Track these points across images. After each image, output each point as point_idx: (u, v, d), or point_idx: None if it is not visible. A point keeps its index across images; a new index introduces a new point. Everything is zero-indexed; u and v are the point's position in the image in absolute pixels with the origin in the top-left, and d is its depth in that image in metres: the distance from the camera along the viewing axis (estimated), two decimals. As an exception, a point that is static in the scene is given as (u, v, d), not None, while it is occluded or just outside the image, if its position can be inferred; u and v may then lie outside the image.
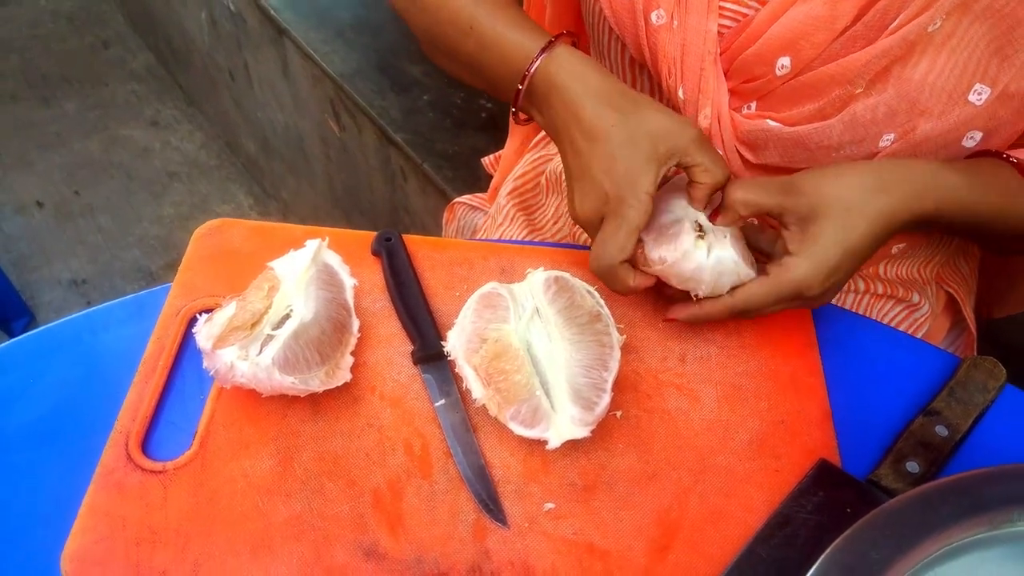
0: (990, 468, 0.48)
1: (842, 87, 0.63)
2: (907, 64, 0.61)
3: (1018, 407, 0.65)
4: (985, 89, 0.60)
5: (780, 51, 0.64)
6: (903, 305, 0.81)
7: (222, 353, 0.56)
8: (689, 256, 0.61)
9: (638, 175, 0.59)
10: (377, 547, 0.55)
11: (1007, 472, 0.48)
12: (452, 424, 0.60)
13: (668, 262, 0.61)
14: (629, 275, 0.61)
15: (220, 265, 0.68)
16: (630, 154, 0.60)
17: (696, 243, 0.61)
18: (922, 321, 0.82)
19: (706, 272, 0.61)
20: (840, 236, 0.59)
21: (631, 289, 0.62)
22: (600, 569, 0.55)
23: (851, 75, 0.62)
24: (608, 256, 0.60)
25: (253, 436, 0.59)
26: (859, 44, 0.62)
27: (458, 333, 0.60)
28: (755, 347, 0.66)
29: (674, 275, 0.62)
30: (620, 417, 0.62)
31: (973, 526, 0.46)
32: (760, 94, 0.68)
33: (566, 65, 0.63)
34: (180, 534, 0.55)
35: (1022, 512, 0.46)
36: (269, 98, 1.74)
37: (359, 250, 0.69)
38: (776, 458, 0.60)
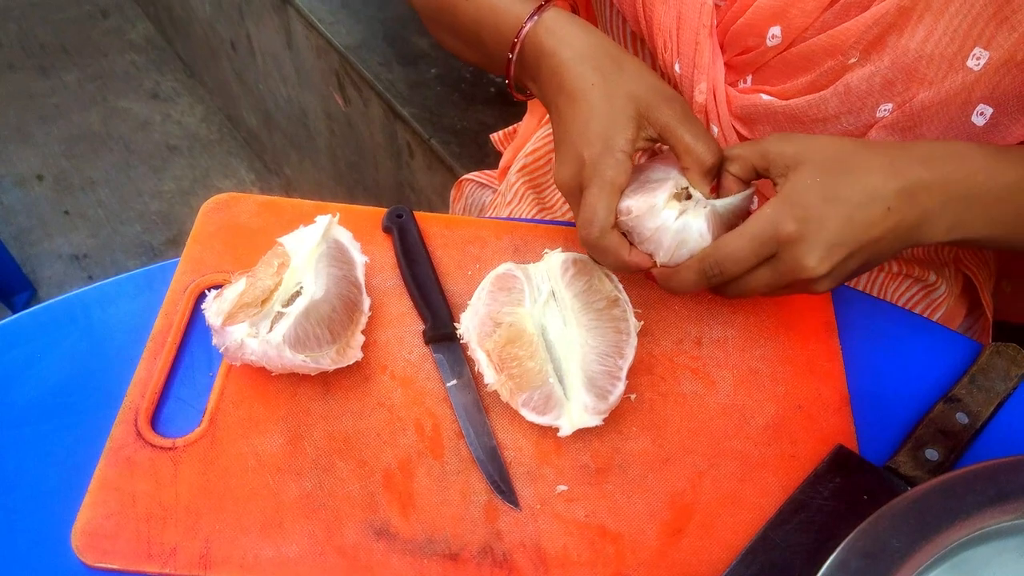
0: (1016, 456, 0.47)
1: (835, 58, 0.62)
2: (903, 32, 0.59)
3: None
4: (983, 53, 0.58)
5: (770, 20, 0.62)
6: (920, 285, 0.80)
7: (232, 330, 0.55)
8: (655, 213, 0.57)
9: (613, 134, 0.57)
10: (388, 527, 0.54)
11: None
12: (464, 405, 0.59)
13: (633, 214, 0.57)
14: (622, 246, 0.58)
15: (229, 240, 0.67)
16: (607, 114, 0.57)
17: (668, 202, 0.57)
18: (939, 302, 0.81)
19: (667, 235, 0.57)
20: (820, 179, 0.54)
21: (626, 263, 0.58)
22: (612, 552, 0.54)
23: (844, 46, 0.61)
24: (594, 220, 0.57)
25: (263, 414, 0.58)
26: (852, 13, 0.60)
27: (471, 316, 0.59)
28: (773, 330, 0.65)
29: (636, 232, 0.58)
30: (634, 400, 0.61)
31: (996, 515, 0.45)
32: (754, 67, 0.66)
33: (554, 28, 0.61)
34: (190, 511, 0.54)
35: (1048, 501, 0.46)
36: (272, 70, 1.71)
37: (370, 227, 0.68)
38: (793, 443, 0.60)
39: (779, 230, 0.54)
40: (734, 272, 0.56)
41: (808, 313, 0.66)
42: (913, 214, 0.55)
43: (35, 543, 0.54)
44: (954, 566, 0.45)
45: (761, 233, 0.55)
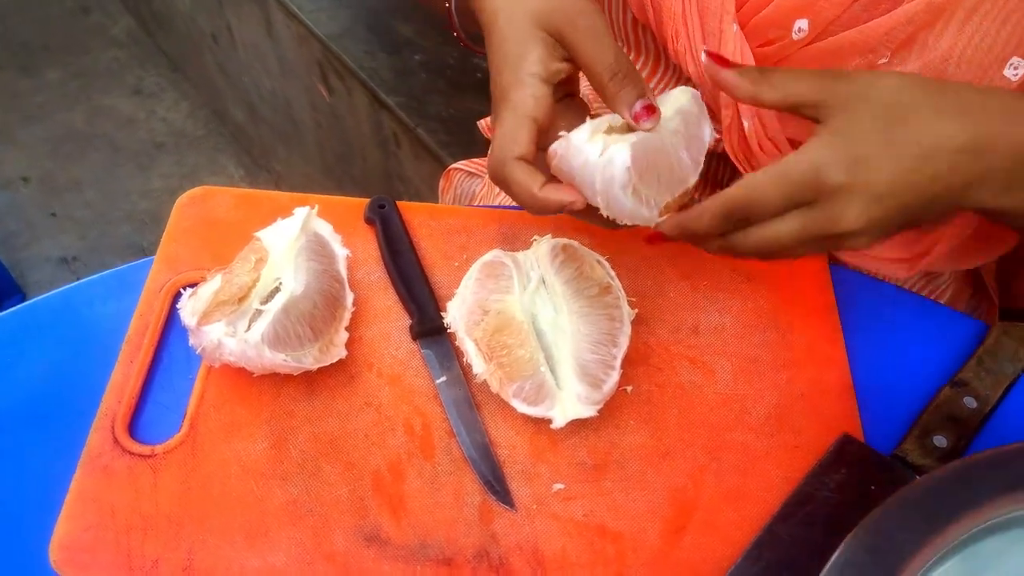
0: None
1: (864, 56, 0.58)
2: (932, 30, 0.55)
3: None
4: (1022, 63, 0.55)
5: (797, 12, 0.58)
6: (923, 274, 0.78)
7: (208, 330, 0.53)
8: (578, 149, 0.50)
9: (520, 57, 0.52)
10: (379, 532, 0.52)
11: (1048, 446, 0.46)
12: (454, 402, 0.57)
13: (558, 155, 0.51)
14: (531, 179, 0.50)
15: (204, 236, 0.64)
16: (512, 38, 0.53)
17: (593, 136, 0.50)
18: (943, 288, 0.79)
19: (595, 173, 0.49)
20: (881, 123, 0.47)
21: (541, 202, 0.51)
22: (613, 552, 0.52)
23: (873, 43, 0.57)
24: (498, 150, 0.51)
25: (245, 417, 0.56)
26: (882, 8, 0.57)
27: (459, 304, 0.57)
28: (772, 316, 0.63)
29: (569, 176, 0.51)
30: (630, 392, 0.59)
31: (1009, 503, 0.43)
32: (776, 59, 0.63)
33: None
34: (172, 521, 0.52)
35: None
36: (254, 62, 1.68)
37: (351, 218, 0.66)
38: (796, 433, 0.58)
39: (823, 178, 0.47)
40: (761, 217, 0.49)
41: (808, 297, 0.64)
42: (975, 171, 0.49)
43: (12, 558, 0.51)
44: (965, 558, 0.43)
45: (801, 177, 0.48)
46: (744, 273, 0.65)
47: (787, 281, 0.65)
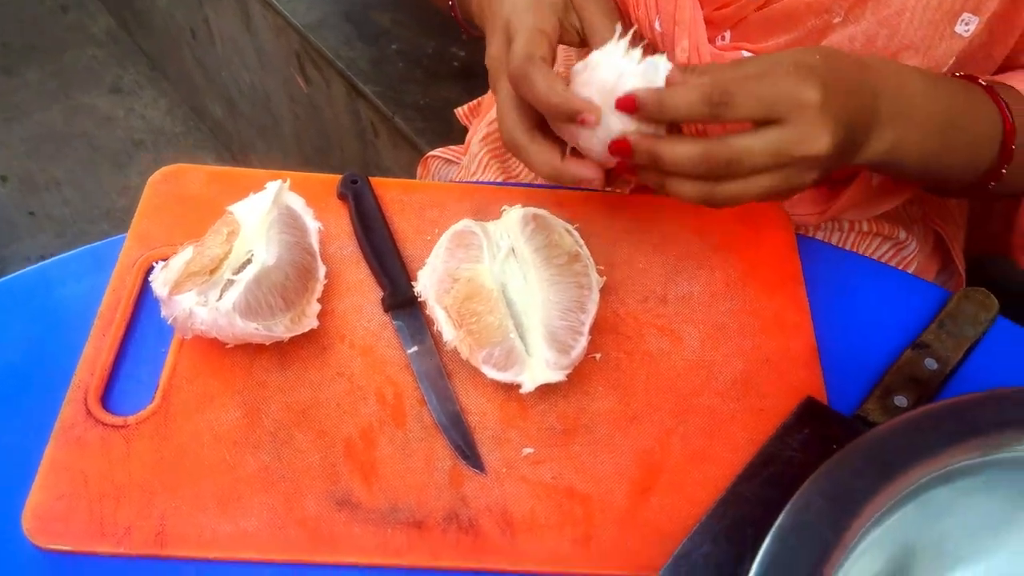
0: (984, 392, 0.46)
1: (819, 16, 0.60)
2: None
3: (1010, 339, 0.63)
4: (972, 19, 0.57)
5: None
6: (890, 243, 0.79)
7: (180, 299, 0.54)
8: (611, 64, 0.51)
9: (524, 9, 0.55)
10: (350, 497, 0.53)
11: (1002, 395, 0.47)
12: (425, 371, 0.58)
13: (586, 69, 0.52)
14: (551, 78, 0.51)
15: (177, 212, 0.65)
16: None
17: (628, 51, 0.52)
18: (910, 259, 0.80)
19: (636, 79, 0.51)
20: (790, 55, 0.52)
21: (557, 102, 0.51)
22: (581, 513, 0.53)
23: (827, 2, 0.59)
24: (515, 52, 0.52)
25: (218, 388, 0.57)
26: None
27: (429, 273, 0.58)
28: (740, 285, 0.64)
29: (591, 88, 0.52)
30: (599, 360, 0.60)
31: (963, 451, 0.45)
32: (733, 22, 0.65)
33: None
34: (144, 489, 0.52)
35: (1016, 435, 0.45)
36: (232, 55, 1.68)
37: (324, 194, 0.66)
38: (761, 397, 0.59)
39: (800, 95, 0.50)
40: (740, 109, 0.50)
41: (774, 266, 0.65)
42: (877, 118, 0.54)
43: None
44: (919, 505, 0.45)
45: (781, 85, 0.50)
46: (712, 244, 0.66)
47: (754, 251, 0.66)
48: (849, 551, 0.42)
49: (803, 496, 0.43)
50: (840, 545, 0.42)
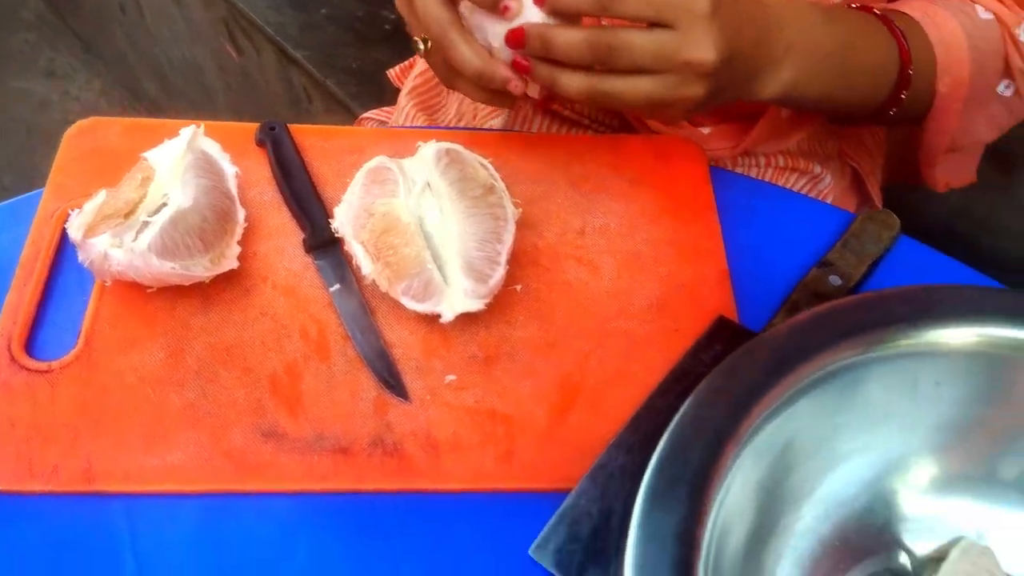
0: (865, 294, 0.49)
1: None
2: None
3: (911, 257, 0.66)
4: None
5: None
6: (806, 178, 0.82)
7: (94, 242, 0.54)
8: None
9: None
10: (276, 428, 0.54)
11: (886, 295, 0.50)
12: (348, 308, 0.59)
13: None
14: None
15: (94, 164, 0.65)
16: None
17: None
18: (825, 192, 0.83)
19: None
20: None
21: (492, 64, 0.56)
22: (503, 433, 0.55)
23: None
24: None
25: (141, 331, 0.57)
26: None
27: (345, 209, 0.59)
28: (655, 216, 0.66)
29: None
30: (520, 291, 0.61)
31: (848, 348, 0.47)
32: None
33: None
34: (70, 429, 0.53)
35: (896, 332, 0.48)
36: (163, 29, 1.66)
37: (243, 142, 0.67)
38: (675, 319, 0.61)
39: (691, 3, 0.52)
40: (629, 5, 0.52)
41: (688, 197, 0.67)
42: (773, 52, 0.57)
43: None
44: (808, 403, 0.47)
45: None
46: (629, 178, 0.68)
47: (669, 184, 0.68)
48: (742, 445, 0.44)
49: (700, 393, 0.45)
50: (734, 437, 0.44)
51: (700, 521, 0.42)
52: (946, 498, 0.51)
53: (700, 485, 0.43)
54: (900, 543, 0.52)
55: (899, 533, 0.52)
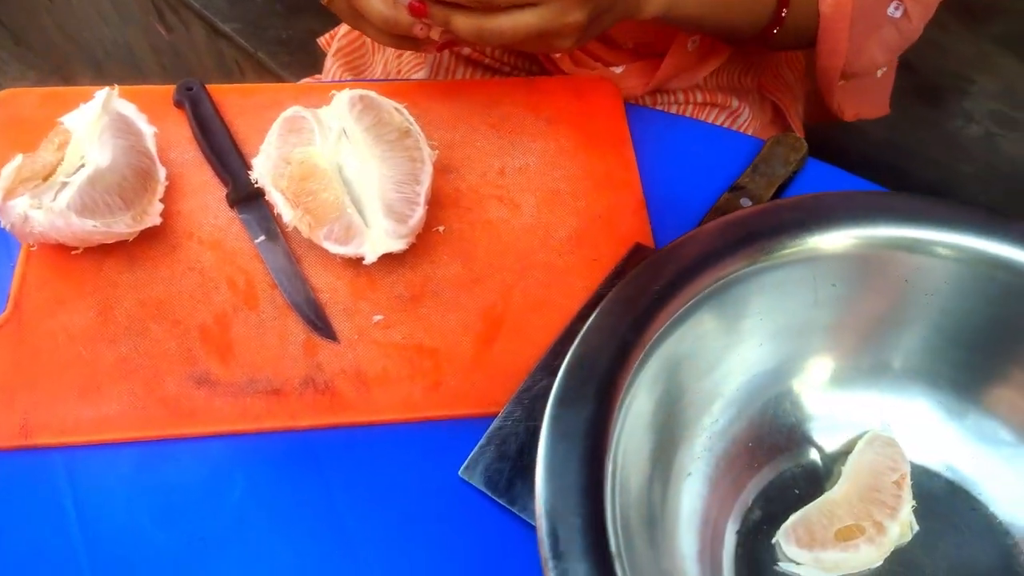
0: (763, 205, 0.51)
1: None
2: None
3: (819, 178, 0.69)
4: None
5: None
6: (725, 112, 0.85)
7: (14, 204, 0.55)
8: None
9: None
10: (208, 375, 0.55)
11: (779, 205, 0.52)
12: (274, 258, 0.60)
13: None
14: None
15: (12, 134, 0.65)
16: None
17: None
18: (744, 126, 0.85)
19: None
20: None
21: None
22: (430, 365, 0.57)
23: None
24: None
25: (69, 292, 0.58)
26: None
27: (263, 160, 0.60)
28: (572, 153, 0.68)
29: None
30: (443, 232, 0.63)
31: (746, 256, 0.50)
32: None
33: None
34: (4, 389, 0.54)
35: (790, 238, 0.50)
36: (91, 13, 1.63)
37: (161, 104, 0.67)
38: (594, 248, 0.63)
39: None
40: None
41: (604, 133, 0.70)
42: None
43: None
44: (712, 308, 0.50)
45: None
46: (546, 118, 0.70)
47: (585, 121, 0.70)
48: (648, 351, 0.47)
49: (607, 304, 0.47)
50: (639, 343, 0.46)
51: (608, 419, 0.44)
52: (847, 393, 0.55)
53: (607, 387, 0.45)
54: (810, 440, 0.55)
55: (809, 432, 0.55)
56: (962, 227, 0.50)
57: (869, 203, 0.52)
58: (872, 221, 0.51)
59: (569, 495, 0.42)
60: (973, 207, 0.51)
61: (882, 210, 0.51)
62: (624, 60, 0.77)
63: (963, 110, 1.14)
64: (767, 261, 0.50)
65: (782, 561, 0.51)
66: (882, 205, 0.52)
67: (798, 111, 0.94)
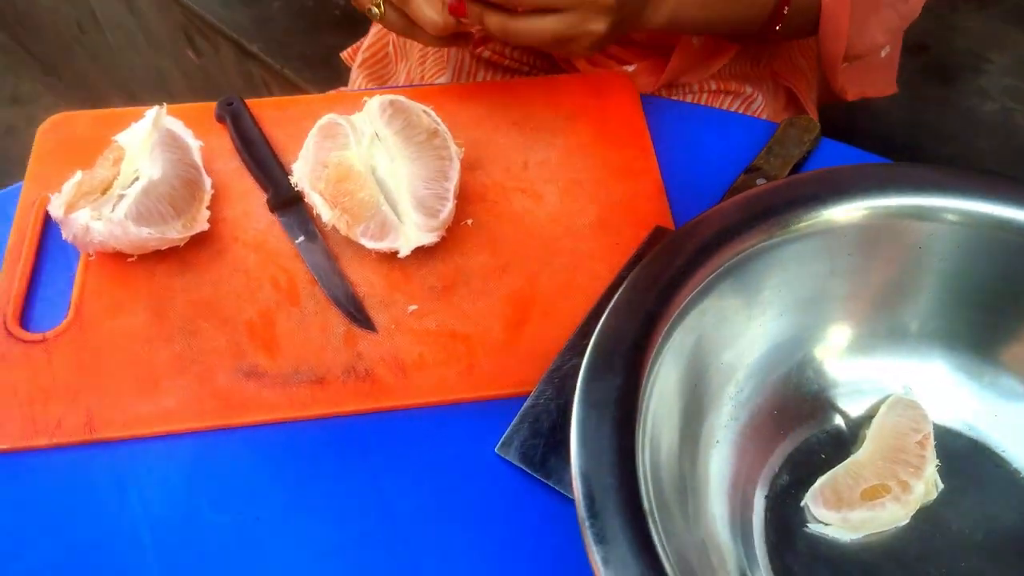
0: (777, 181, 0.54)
1: None
2: None
3: (832, 156, 0.71)
4: None
5: None
6: (740, 99, 0.87)
7: (75, 217, 0.59)
8: None
9: None
10: (256, 368, 0.59)
11: (791, 181, 0.55)
12: (314, 256, 0.64)
13: None
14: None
15: (69, 154, 0.69)
16: None
17: None
18: (758, 111, 0.88)
19: None
20: None
21: None
22: (464, 350, 0.60)
23: None
24: None
25: (125, 297, 0.62)
26: None
27: (302, 165, 0.64)
28: (591, 145, 0.71)
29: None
30: (471, 225, 0.66)
31: (763, 230, 0.52)
32: None
33: None
34: (69, 388, 0.58)
35: (805, 211, 0.53)
36: (122, 42, 1.70)
37: (204, 120, 0.71)
38: (616, 233, 0.66)
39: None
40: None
41: (622, 124, 0.72)
42: None
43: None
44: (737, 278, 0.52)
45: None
46: (565, 115, 0.73)
47: (603, 115, 0.73)
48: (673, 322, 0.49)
49: (632, 280, 0.50)
50: (664, 315, 0.49)
51: (636, 389, 0.47)
52: (867, 359, 0.57)
53: (634, 359, 0.48)
54: (834, 406, 0.57)
55: (832, 398, 0.57)
56: (968, 193, 0.52)
57: (879, 175, 0.54)
58: (883, 192, 0.53)
59: (602, 458, 0.45)
60: (979, 173, 0.53)
61: (892, 180, 0.53)
62: (635, 58, 0.80)
63: (978, 87, 1.15)
64: (783, 235, 0.52)
65: (811, 523, 0.53)
66: (892, 176, 0.54)
67: (812, 96, 0.96)
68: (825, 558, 0.52)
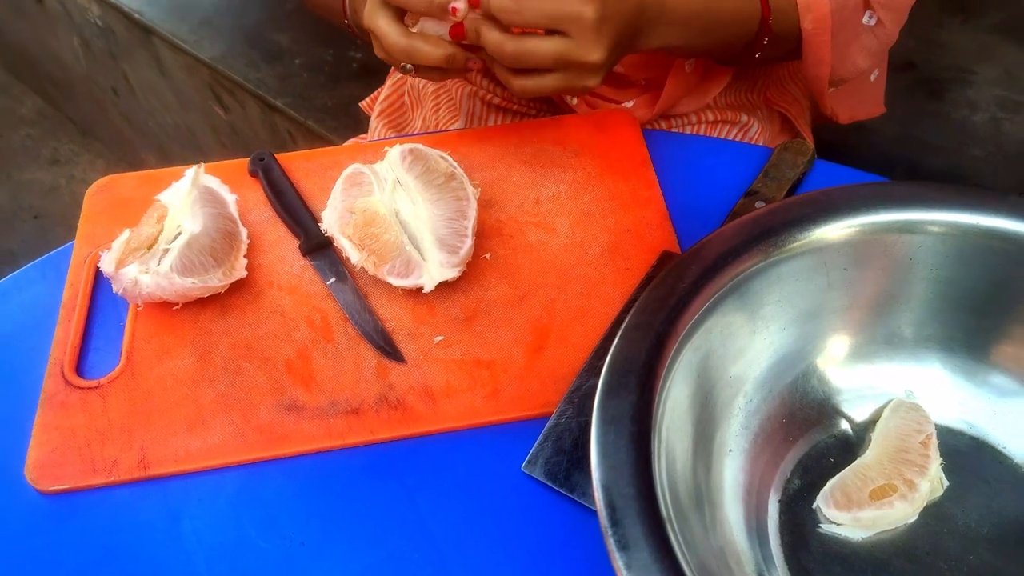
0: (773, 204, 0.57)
1: None
2: None
3: (827, 177, 0.75)
4: None
5: None
6: (737, 128, 0.91)
7: (125, 272, 0.64)
8: None
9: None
10: (295, 402, 0.63)
11: (785, 204, 0.58)
12: (345, 296, 0.69)
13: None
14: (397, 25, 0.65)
15: (116, 213, 0.75)
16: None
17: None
18: (755, 138, 0.92)
19: None
20: None
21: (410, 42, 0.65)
22: (488, 376, 0.64)
23: None
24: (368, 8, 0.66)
25: (172, 342, 0.67)
26: None
27: (331, 212, 0.69)
28: (598, 178, 0.76)
29: None
30: (489, 258, 0.71)
31: (761, 251, 0.56)
32: None
33: None
34: (124, 430, 0.62)
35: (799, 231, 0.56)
36: (154, 103, 1.78)
37: (238, 175, 0.77)
38: (626, 259, 0.70)
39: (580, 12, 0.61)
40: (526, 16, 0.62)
41: (626, 158, 0.77)
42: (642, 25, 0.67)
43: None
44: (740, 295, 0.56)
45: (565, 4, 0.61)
46: (572, 151, 0.78)
47: (608, 149, 0.78)
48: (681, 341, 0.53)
49: (641, 303, 0.54)
50: (672, 334, 0.53)
51: (650, 404, 0.50)
52: (868, 366, 0.60)
53: (646, 377, 0.51)
54: (839, 412, 0.60)
55: (837, 404, 0.61)
56: (950, 205, 0.56)
57: (867, 193, 0.58)
58: (871, 209, 0.57)
59: (622, 470, 0.48)
60: (959, 187, 0.57)
61: (879, 198, 0.57)
62: (633, 96, 0.85)
63: (967, 99, 1.19)
64: (781, 254, 0.56)
65: (823, 523, 0.56)
66: (879, 194, 0.58)
67: (806, 118, 1.00)
68: (839, 556, 0.55)
